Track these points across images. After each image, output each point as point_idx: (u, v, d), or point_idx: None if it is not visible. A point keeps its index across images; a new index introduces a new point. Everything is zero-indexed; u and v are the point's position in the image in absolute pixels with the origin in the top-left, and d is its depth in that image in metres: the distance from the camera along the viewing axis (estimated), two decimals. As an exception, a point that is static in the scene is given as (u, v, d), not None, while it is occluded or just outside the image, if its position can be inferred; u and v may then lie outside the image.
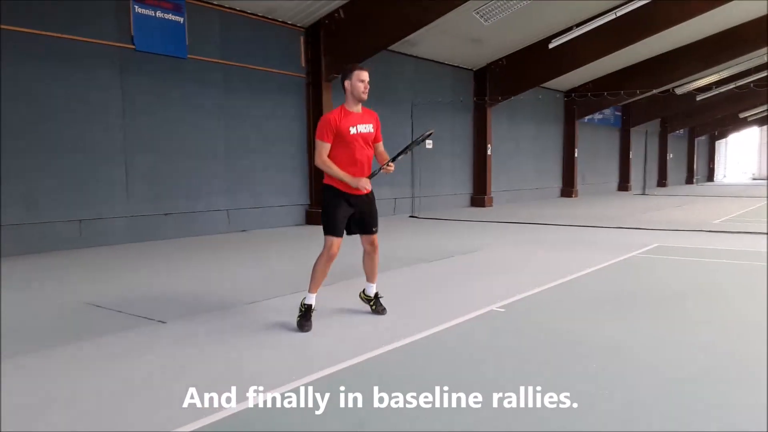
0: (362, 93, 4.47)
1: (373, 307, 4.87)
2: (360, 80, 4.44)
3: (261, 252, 8.95)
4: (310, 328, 4.40)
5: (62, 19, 8.79)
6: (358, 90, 4.45)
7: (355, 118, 4.50)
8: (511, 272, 7.00)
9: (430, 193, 16.24)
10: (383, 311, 4.84)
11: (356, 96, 4.47)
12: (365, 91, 4.47)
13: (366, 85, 4.47)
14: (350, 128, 4.45)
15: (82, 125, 9.14)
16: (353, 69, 4.47)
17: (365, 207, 4.63)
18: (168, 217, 10.33)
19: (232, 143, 11.33)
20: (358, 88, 4.45)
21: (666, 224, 12.26)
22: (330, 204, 4.54)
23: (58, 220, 8.91)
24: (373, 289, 4.90)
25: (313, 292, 4.51)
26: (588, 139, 24.68)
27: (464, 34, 14.76)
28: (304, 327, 4.40)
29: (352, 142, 4.47)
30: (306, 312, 4.46)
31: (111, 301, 5.55)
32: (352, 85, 4.46)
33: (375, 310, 4.85)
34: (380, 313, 4.82)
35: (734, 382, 3.45)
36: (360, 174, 4.52)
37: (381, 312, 4.83)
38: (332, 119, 4.43)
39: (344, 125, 4.45)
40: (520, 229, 11.75)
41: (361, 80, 4.44)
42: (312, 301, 4.50)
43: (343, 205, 4.52)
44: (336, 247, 4.47)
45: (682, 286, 6.15)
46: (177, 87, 10.35)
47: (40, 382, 3.50)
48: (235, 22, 11.16)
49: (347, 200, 4.53)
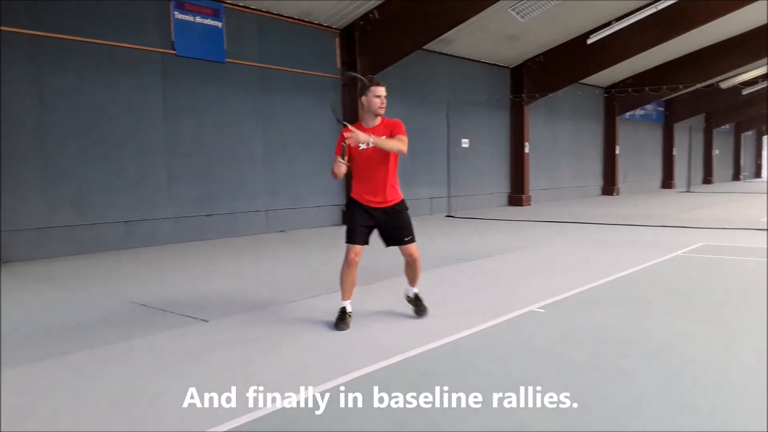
0: (378, 108, 4.47)
1: (414, 308, 4.91)
2: (376, 96, 4.44)
3: (299, 252, 9.05)
4: (345, 328, 4.49)
5: (107, 27, 9.06)
6: (374, 105, 4.46)
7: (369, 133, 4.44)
8: (550, 272, 6.91)
9: (466, 192, 16.15)
10: (422, 313, 4.85)
11: (372, 111, 4.48)
12: (382, 106, 4.47)
13: (382, 101, 4.46)
14: (360, 144, 4.44)
15: (127, 130, 9.41)
16: (369, 84, 4.48)
17: (388, 219, 4.61)
18: (209, 218, 10.55)
19: (270, 145, 11.50)
20: (374, 104, 4.45)
21: (711, 222, 11.92)
22: (348, 213, 4.68)
23: (105, 222, 9.20)
24: (412, 291, 4.93)
25: (345, 299, 4.60)
26: (629, 135, 24.16)
27: (500, 31, 14.64)
28: (339, 326, 4.51)
29: (362, 159, 4.51)
30: (342, 315, 4.58)
31: (156, 300, 5.70)
32: (368, 100, 4.47)
33: (415, 311, 4.88)
34: (420, 314, 4.84)
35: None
36: (374, 190, 4.54)
37: (421, 313, 4.85)
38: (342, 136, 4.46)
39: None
40: (560, 229, 11.59)
41: (377, 96, 4.45)
42: (346, 305, 4.61)
43: (359, 213, 4.57)
44: (353, 253, 4.53)
45: (727, 287, 5.97)
46: (216, 90, 10.56)
47: (86, 380, 3.62)
48: (272, 26, 11.32)
49: (366, 210, 4.58)
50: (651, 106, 25.42)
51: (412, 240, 4.71)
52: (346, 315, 4.56)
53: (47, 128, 8.55)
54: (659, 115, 26.62)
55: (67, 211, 8.77)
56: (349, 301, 4.62)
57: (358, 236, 4.55)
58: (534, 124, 18.44)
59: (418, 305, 4.89)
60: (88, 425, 2.95)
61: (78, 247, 8.84)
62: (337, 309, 4.63)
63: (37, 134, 8.44)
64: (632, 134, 24.49)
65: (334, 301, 4.79)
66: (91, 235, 9.02)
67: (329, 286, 6.01)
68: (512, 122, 17.80)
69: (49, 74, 8.54)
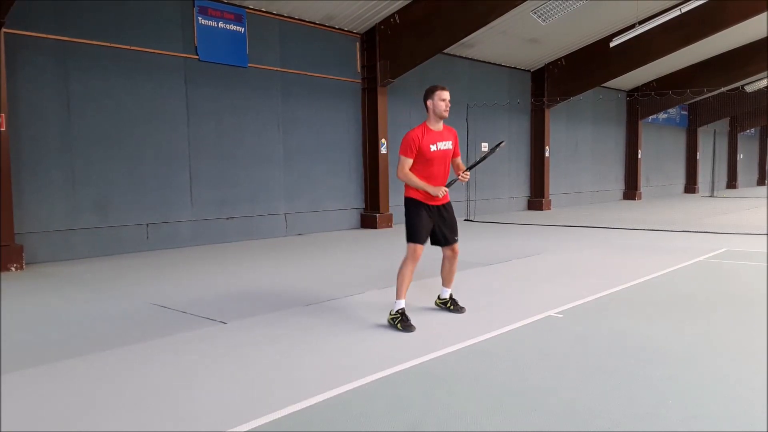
0: (444, 111, 4.69)
1: (451, 308, 5.11)
2: (441, 99, 4.67)
3: (318, 255, 9.09)
4: (414, 328, 4.54)
5: (132, 32, 9.21)
6: (440, 108, 4.68)
7: (436, 135, 4.74)
8: (570, 277, 6.86)
9: (486, 197, 16.09)
10: (461, 310, 5.08)
11: (438, 114, 4.72)
12: (446, 109, 4.69)
13: (447, 104, 4.69)
14: (431, 146, 4.69)
15: (150, 133, 9.55)
16: (435, 89, 4.71)
17: (444, 217, 4.86)
18: (230, 221, 10.64)
19: (291, 149, 11.57)
20: (440, 107, 4.68)
21: (736, 227, 11.72)
22: (412, 214, 4.81)
23: (127, 225, 9.33)
24: (447, 292, 5.16)
25: (402, 298, 4.69)
26: (652, 139, 23.87)
27: (521, 34, 14.57)
28: (409, 327, 4.55)
29: (432, 159, 4.72)
30: (403, 316, 4.62)
31: (176, 302, 5.77)
32: (434, 104, 4.70)
33: (454, 310, 5.09)
34: (459, 311, 5.06)
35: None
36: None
37: (460, 311, 5.07)
38: (415, 137, 4.68)
39: (425, 143, 4.69)
40: (581, 233, 11.49)
41: (443, 99, 4.67)
42: (403, 305, 4.67)
43: (424, 214, 4.78)
44: (419, 252, 4.72)
45: (751, 292, 5.86)
46: (238, 95, 10.67)
47: (107, 380, 3.68)
48: (294, 31, 11.40)
49: (427, 210, 4.79)
50: (674, 110, 25.08)
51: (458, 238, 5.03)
52: (406, 314, 4.63)
53: (72, 132, 8.71)
54: (683, 119, 26.25)
55: (90, 214, 8.92)
56: (404, 300, 4.70)
57: (424, 236, 4.76)
58: (555, 128, 18.31)
59: (454, 304, 5.12)
60: (108, 425, 3.00)
61: (100, 249, 8.98)
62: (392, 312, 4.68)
63: (62, 138, 8.60)
64: (655, 138, 24.19)
65: (354, 305, 4.80)
66: (113, 237, 9.16)
67: (348, 289, 6.04)
68: (533, 126, 17.70)
69: (75, 79, 8.70)
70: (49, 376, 3.71)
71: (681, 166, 27.00)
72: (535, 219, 14.65)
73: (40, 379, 3.64)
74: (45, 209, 8.46)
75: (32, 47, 8.26)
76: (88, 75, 8.83)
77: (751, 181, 34.72)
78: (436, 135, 4.73)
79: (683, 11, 12.86)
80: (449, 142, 4.79)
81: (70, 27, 8.58)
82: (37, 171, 8.38)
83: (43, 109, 8.41)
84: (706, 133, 26.97)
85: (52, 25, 8.43)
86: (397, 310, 4.63)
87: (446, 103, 4.69)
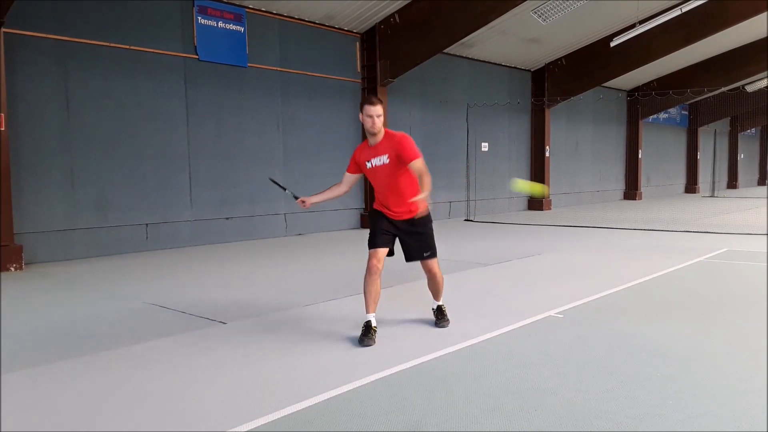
0: (370, 127, 4.31)
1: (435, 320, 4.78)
2: (368, 115, 4.27)
3: (318, 255, 9.09)
4: (370, 344, 4.20)
5: (132, 32, 9.20)
6: (366, 125, 4.33)
7: (370, 152, 4.44)
8: (571, 277, 6.85)
9: (486, 197, 16.08)
10: (443, 324, 4.71)
11: (366, 131, 4.37)
12: (372, 125, 4.29)
13: (373, 120, 4.28)
14: (366, 163, 4.47)
15: (149, 133, 9.54)
16: (363, 103, 4.32)
17: (409, 232, 4.46)
18: (229, 222, 10.64)
19: (290, 148, 11.56)
20: (366, 124, 4.32)
21: (736, 227, 11.71)
22: (370, 221, 4.59)
23: (127, 225, 9.32)
24: (435, 304, 4.82)
25: (370, 312, 4.34)
26: (652, 139, 23.87)
27: (521, 34, 14.56)
28: (364, 342, 4.22)
29: (373, 174, 4.49)
30: (367, 329, 4.31)
31: (176, 302, 5.77)
32: (362, 119, 4.34)
33: (436, 323, 4.74)
34: (440, 325, 4.70)
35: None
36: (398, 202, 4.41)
37: (441, 325, 4.71)
38: (355, 153, 4.54)
39: (361, 160, 4.51)
40: (581, 233, 11.48)
41: (369, 115, 4.27)
42: (371, 318, 4.34)
43: (379, 219, 4.47)
44: (375, 259, 4.34)
45: (752, 292, 5.85)
46: (238, 95, 10.66)
47: (106, 380, 3.67)
48: (293, 30, 11.40)
49: (386, 218, 4.46)
50: (675, 110, 25.07)
51: (432, 255, 4.55)
52: (371, 329, 4.28)
53: (72, 132, 8.70)
54: (683, 119, 26.24)
55: (89, 214, 8.91)
56: (374, 315, 4.34)
57: (380, 240, 4.38)
58: (555, 127, 18.30)
59: (438, 317, 4.77)
60: (108, 425, 2.99)
61: (100, 249, 8.97)
62: (361, 322, 4.38)
63: (62, 138, 8.59)
64: (655, 138, 24.18)
65: (353, 305, 4.80)
66: (113, 237, 9.15)
67: (348, 290, 6.03)
68: (533, 126, 17.69)
69: (75, 79, 8.70)
70: (49, 376, 3.70)
71: (681, 166, 27.00)
72: (536, 219, 14.64)
73: (40, 379, 3.64)
74: (44, 209, 8.46)
75: (32, 47, 8.26)
76: (87, 75, 8.82)
77: (752, 181, 34.71)
78: (371, 151, 4.40)
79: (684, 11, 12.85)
80: (385, 157, 4.33)
81: (69, 27, 8.58)
82: (37, 171, 8.38)
83: (42, 108, 8.41)
84: (707, 133, 26.95)
85: (52, 25, 8.42)
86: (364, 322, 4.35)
87: (372, 120, 4.25)
